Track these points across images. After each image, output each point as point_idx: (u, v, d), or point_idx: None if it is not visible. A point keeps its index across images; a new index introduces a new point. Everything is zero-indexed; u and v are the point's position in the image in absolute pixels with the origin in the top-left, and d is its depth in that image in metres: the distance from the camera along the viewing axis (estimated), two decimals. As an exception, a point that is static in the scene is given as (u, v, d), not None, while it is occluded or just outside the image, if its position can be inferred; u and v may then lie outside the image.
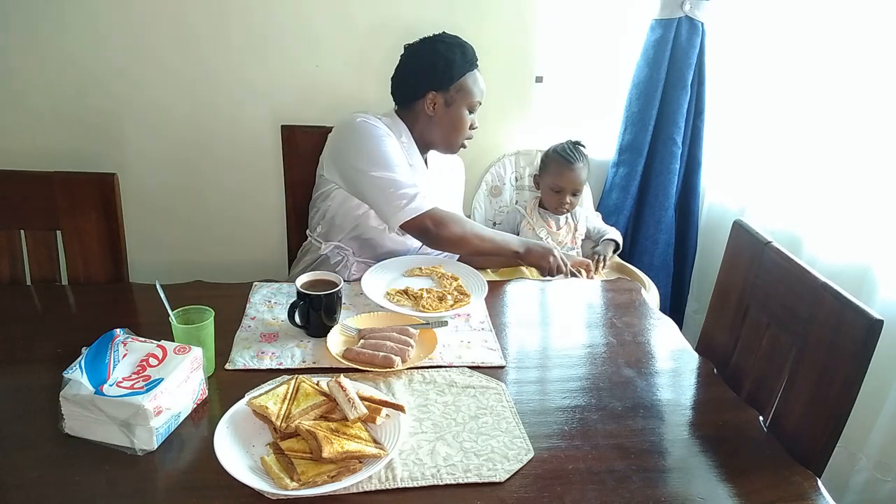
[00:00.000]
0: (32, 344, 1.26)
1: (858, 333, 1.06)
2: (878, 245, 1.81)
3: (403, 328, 1.29)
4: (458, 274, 1.56)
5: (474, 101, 1.63)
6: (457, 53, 1.60)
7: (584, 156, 2.06)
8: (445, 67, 1.59)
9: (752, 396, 1.27)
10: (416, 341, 1.26)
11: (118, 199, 1.57)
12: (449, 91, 1.61)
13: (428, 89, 1.60)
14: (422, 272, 1.58)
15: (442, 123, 1.63)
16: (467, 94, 1.62)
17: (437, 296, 1.45)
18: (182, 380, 1.03)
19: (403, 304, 1.43)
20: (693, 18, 2.22)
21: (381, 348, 1.21)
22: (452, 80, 1.60)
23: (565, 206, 2.05)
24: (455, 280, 1.53)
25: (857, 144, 1.87)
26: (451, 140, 1.67)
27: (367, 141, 1.56)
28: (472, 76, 1.63)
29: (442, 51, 1.59)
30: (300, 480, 0.90)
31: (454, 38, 1.63)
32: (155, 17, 1.99)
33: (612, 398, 1.18)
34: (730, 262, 1.47)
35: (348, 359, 1.20)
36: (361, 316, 1.37)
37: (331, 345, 1.24)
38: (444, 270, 1.57)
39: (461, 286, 1.51)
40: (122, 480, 0.94)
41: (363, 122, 1.58)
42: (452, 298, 1.45)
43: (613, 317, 1.47)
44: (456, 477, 0.96)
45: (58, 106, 2.04)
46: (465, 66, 1.61)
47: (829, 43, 1.95)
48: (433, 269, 1.59)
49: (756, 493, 0.99)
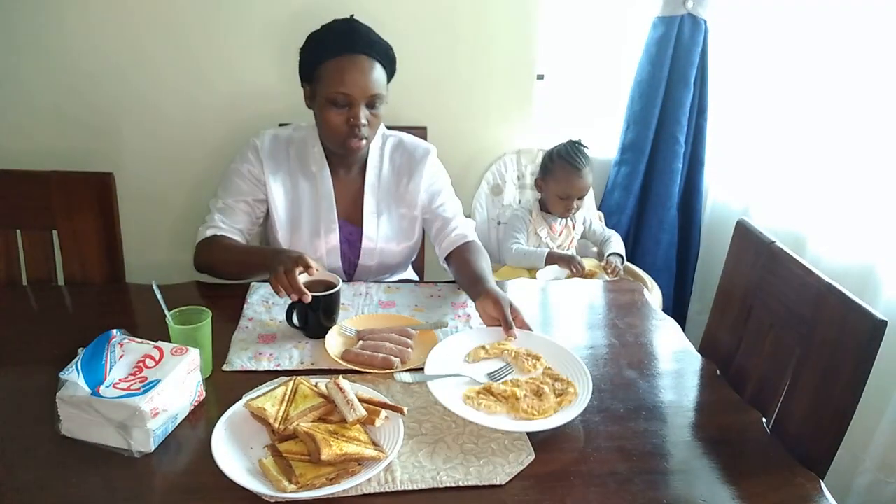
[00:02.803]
0: (28, 345, 1.25)
1: (862, 334, 1.05)
2: (883, 245, 1.80)
3: (403, 329, 1.28)
4: (537, 350, 1.23)
5: (332, 92, 1.35)
6: (325, 37, 1.38)
7: (588, 158, 2.05)
8: (307, 55, 1.41)
9: (755, 398, 1.26)
10: (415, 342, 1.25)
11: (115, 198, 1.56)
12: (313, 81, 1.40)
13: (302, 81, 1.45)
14: (488, 353, 1.22)
15: (316, 120, 1.45)
16: (324, 85, 1.36)
17: (534, 390, 1.12)
18: (179, 381, 1.02)
19: (497, 410, 1.07)
20: (696, 16, 2.21)
21: (381, 349, 1.20)
22: (313, 69, 1.39)
23: (572, 210, 2.04)
24: (537, 360, 1.20)
25: (862, 144, 1.86)
26: (326, 138, 1.45)
27: (228, 168, 1.53)
28: (337, 63, 1.35)
29: (311, 37, 1.41)
30: (298, 483, 0.89)
31: (331, 23, 1.41)
32: (152, 17, 1.98)
33: (615, 400, 1.16)
34: (733, 262, 1.46)
35: (347, 360, 1.19)
36: (359, 317, 1.35)
37: (329, 346, 1.23)
38: (514, 347, 1.24)
39: (550, 369, 1.18)
40: (118, 482, 0.93)
41: (243, 146, 1.52)
42: (551, 390, 1.11)
43: (615, 317, 1.45)
44: (456, 480, 0.95)
45: (54, 105, 2.03)
46: (327, 52, 1.36)
47: (833, 41, 1.94)
48: (501, 346, 1.24)
49: (759, 495, 0.98)
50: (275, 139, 1.52)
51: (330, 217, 1.52)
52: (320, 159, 1.52)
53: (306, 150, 1.52)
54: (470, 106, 2.24)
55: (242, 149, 1.52)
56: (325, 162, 1.52)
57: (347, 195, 1.55)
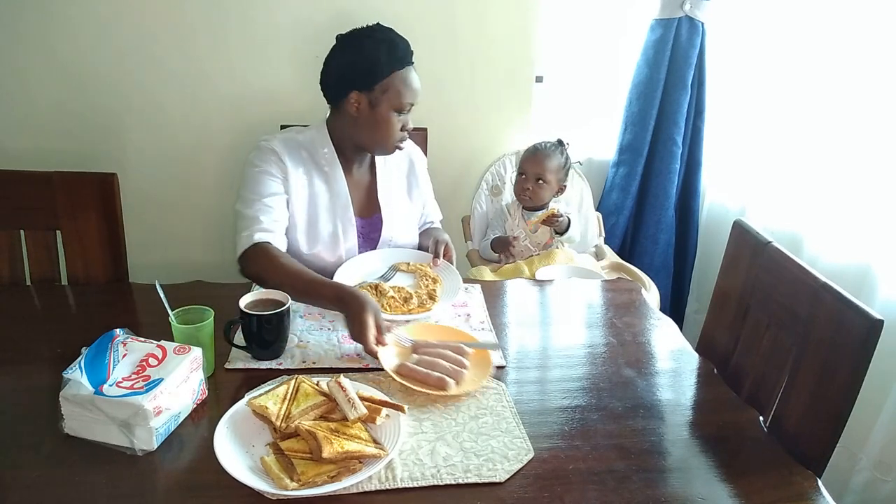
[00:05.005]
0: (32, 344, 1.26)
1: (859, 333, 1.06)
2: (879, 244, 1.81)
3: (459, 347, 1.22)
4: (441, 276, 1.51)
5: (403, 103, 1.46)
6: (382, 51, 1.43)
7: (556, 149, 2.06)
8: (369, 66, 1.43)
9: (752, 396, 1.27)
10: (469, 361, 1.20)
11: (118, 198, 1.57)
12: (374, 91, 1.45)
13: (350, 89, 1.45)
14: (408, 268, 1.53)
15: (367, 125, 1.48)
16: (394, 95, 1.45)
17: (404, 296, 1.40)
18: (182, 380, 1.03)
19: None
20: (693, 18, 2.22)
21: (436, 367, 1.16)
22: (377, 80, 1.44)
23: (527, 192, 2.05)
24: (435, 282, 1.48)
25: (858, 144, 1.88)
26: (378, 143, 1.51)
27: (245, 172, 1.48)
28: (402, 75, 1.45)
29: (367, 47, 1.44)
30: (300, 481, 0.90)
31: (386, 32, 1.47)
32: (155, 17, 1.99)
33: (613, 398, 1.17)
34: (730, 262, 1.47)
35: (402, 374, 1.15)
36: (415, 326, 1.31)
37: (384, 356, 1.18)
38: (429, 270, 1.52)
39: (434, 291, 1.45)
40: (121, 480, 0.94)
41: (256, 150, 1.49)
42: (418, 301, 1.39)
43: (613, 317, 1.46)
44: (456, 477, 0.96)
45: (58, 106, 2.04)
46: (391, 65, 1.44)
47: (830, 42, 1.95)
48: (419, 266, 1.53)
49: (756, 493, 0.99)
50: (287, 142, 1.51)
51: (347, 216, 1.54)
52: (332, 160, 1.54)
53: (316, 151, 1.53)
54: (469, 107, 2.25)
55: (258, 152, 1.48)
56: (337, 162, 1.54)
57: (360, 191, 1.59)
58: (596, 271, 1.93)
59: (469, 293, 1.52)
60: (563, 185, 2.10)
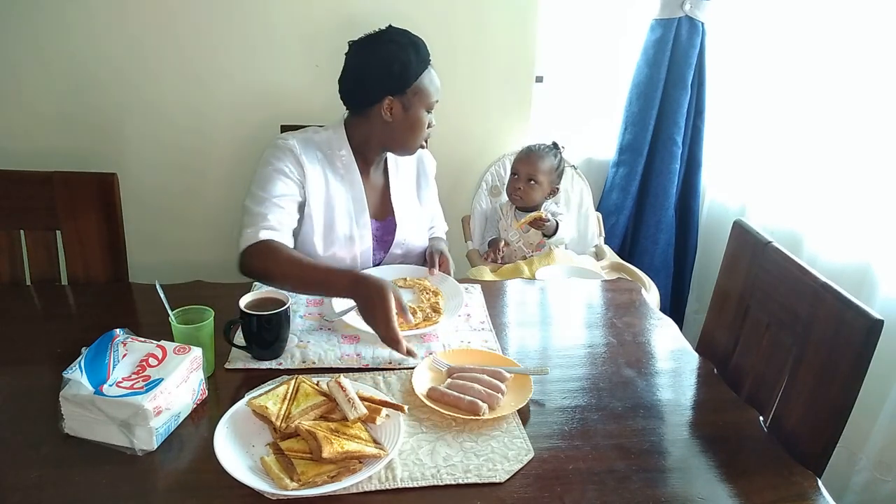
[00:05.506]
0: (32, 344, 1.26)
1: (859, 333, 1.06)
2: (879, 244, 1.81)
3: (496, 371, 1.17)
4: (441, 289, 1.49)
5: (432, 102, 1.51)
6: (411, 54, 1.45)
7: (550, 151, 2.06)
8: (401, 70, 1.45)
9: (752, 396, 1.27)
10: (508, 386, 1.15)
11: (118, 198, 1.57)
12: (406, 94, 1.47)
13: (384, 94, 1.46)
14: (405, 283, 1.51)
15: (401, 128, 1.50)
16: (425, 96, 1.49)
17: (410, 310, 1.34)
18: (182, 380, 1.03)
19: None
20: (693, 18, 2.22)
21: (469, 391, 1.11)
22: (409, 83, 1.46)
23: (518, 192, 2.06)
24: (436, 296, 1.46)
25: (857, 143, 1.88)
26: (410, 143, 1.54)
27: (259, 170, 1.47)
28: (428, 76, 1.49)
29: (395, 52, 1.45)
30: (300, 481, 0.90)
31: (404, 34, 1.49)
32: (154, 17, 1.99)
33: (613, 398, 1.17)
34: (730, 261, 1.47)
35: (433, 398, 1.11)
36: (453, 351, 1.27)
37: (417, 381, 1.15)
38: (428, 284, 1.50)
39: (437, 304, 1.42)
40: (121, 480, 0.94)
41: (272, 148, 1.48)
42: (422, 316, 1.36)
43: (613, 317, 1.46)
44: (456, 477, 0.96)
45: (57, 106, 2.04)
46: (420, 67, 1.47)
47: (830, 42, 1.95)
48: (417, 281, 1.52)
49: (756, 493, 0.99)
50: (304, 142, 1.50)
51: (363, 219, 1.54)
52: (350, 162, 1.53)
53: (332, 153, 1.53)
54: (469, 108, 2.25)
55: (275, 150, 1.47)
56: (354, 165, 1.54)
57: (375, 194, 1.60)
58: (596, 271, 1.93)
59: (469, 293, 1.52)
60: (555, 188, 2.10)
